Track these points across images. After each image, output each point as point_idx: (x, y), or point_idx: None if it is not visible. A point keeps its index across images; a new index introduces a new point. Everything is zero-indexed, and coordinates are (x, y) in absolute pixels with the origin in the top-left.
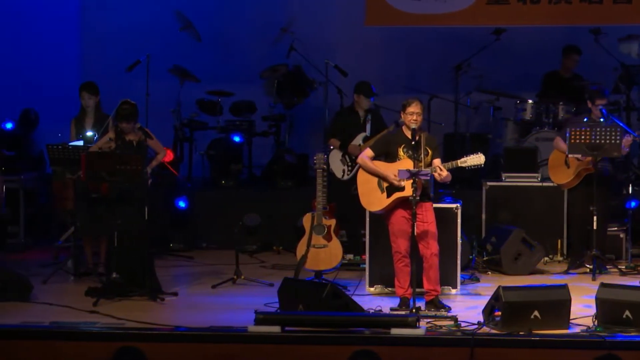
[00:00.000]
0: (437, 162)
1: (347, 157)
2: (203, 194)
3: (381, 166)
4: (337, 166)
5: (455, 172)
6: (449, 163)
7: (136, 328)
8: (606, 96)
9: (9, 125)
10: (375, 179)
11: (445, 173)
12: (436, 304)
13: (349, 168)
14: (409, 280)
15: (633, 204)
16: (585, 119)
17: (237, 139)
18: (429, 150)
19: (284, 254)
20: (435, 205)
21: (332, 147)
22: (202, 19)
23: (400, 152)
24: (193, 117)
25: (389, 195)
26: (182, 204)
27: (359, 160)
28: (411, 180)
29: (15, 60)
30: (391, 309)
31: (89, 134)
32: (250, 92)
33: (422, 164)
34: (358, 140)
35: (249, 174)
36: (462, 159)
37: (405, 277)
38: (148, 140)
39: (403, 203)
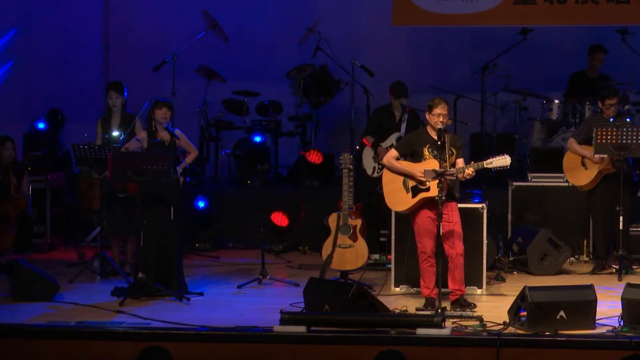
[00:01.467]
0: (460, 162)
1: (378, 155)
2: (229, 194)
3: (407, 166)
4: (369, 163)
5: (482, 172)
6: (475, 164)
7: (162, 328)
8: (617, 95)
9: (41, 125)
10: (400, 179)
11: (469, 172)
12: (461, 302)
13: (380, 166)
14: (435, 280)
15: None
16: (612, 119)
17: (257, 139)
18: (454, 151)
19: (310, 254)
20: (461, 205)
21: (357, 147)
22: (229, 19)
23: (426, 152)
24: (219, 117)
25: (414, 196)
26: (201, 204)
27: (384, 161)
28: (437, 181)
29: (40, 61)
30: (417, 309)
31: (115, 133)
32: (276, 92)
33: (447, 164)
34: (392, 139)
35: (275, 174)
36: (488, 160)
37: (430, 277)
38: (177, 140)
39: (428, 203)
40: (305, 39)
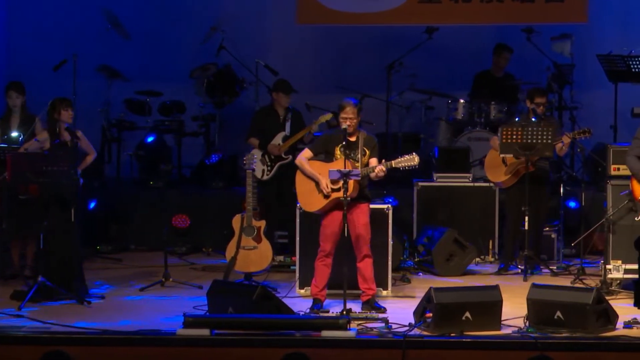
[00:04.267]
0: (373, 161)
1: (266, 156)
2: (132, 196)
3: (316, 169)
4: (257, 166)
5: (388, 172)
6: (385, 164)
7: (63, 332)
8: (546, 94)
9: None
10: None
11: (382, 172)
12: (372, 304)
13: (269, 168)
14: (326, 282)
15: (572, 204)
16: (533, 119)
17: (150, 139)
18: (367, 150)
19: (213, 256)
20: None
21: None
22: (131, 17)
23: (337, 151)
24: (121, 117)
25: (326, 196)
26: (91, 205)
27: (297, 161)
28: (342, 181)
29: None
30: (321, 311)
31: (14, 134)
32: (179, 91)
33: (359, 164)
34: (278, 139)
35: (178, 175)
36: (397, 160)
37: (322, 277)
38: (78, 141)
39: (339, 204)
40: (208, 38)
